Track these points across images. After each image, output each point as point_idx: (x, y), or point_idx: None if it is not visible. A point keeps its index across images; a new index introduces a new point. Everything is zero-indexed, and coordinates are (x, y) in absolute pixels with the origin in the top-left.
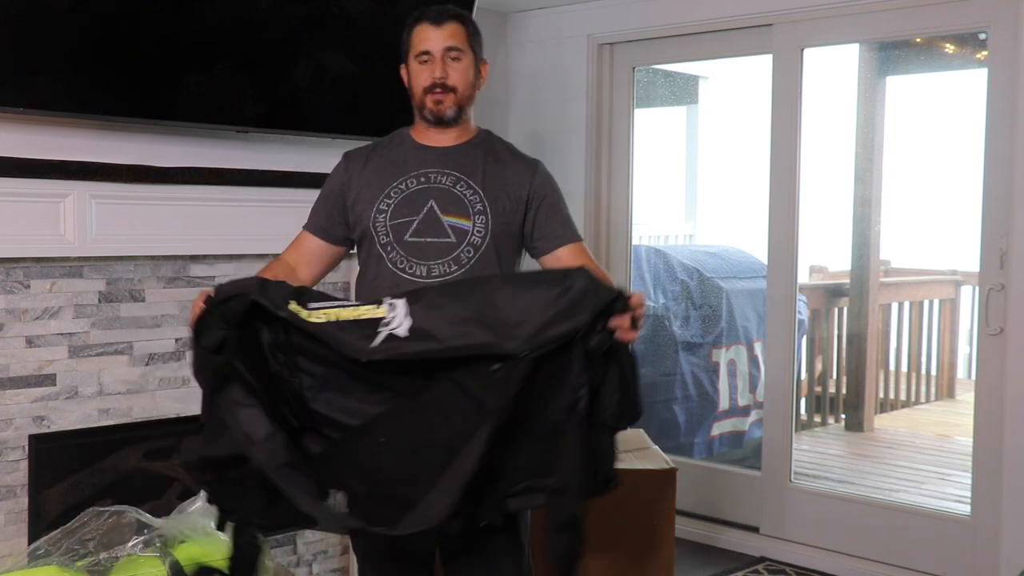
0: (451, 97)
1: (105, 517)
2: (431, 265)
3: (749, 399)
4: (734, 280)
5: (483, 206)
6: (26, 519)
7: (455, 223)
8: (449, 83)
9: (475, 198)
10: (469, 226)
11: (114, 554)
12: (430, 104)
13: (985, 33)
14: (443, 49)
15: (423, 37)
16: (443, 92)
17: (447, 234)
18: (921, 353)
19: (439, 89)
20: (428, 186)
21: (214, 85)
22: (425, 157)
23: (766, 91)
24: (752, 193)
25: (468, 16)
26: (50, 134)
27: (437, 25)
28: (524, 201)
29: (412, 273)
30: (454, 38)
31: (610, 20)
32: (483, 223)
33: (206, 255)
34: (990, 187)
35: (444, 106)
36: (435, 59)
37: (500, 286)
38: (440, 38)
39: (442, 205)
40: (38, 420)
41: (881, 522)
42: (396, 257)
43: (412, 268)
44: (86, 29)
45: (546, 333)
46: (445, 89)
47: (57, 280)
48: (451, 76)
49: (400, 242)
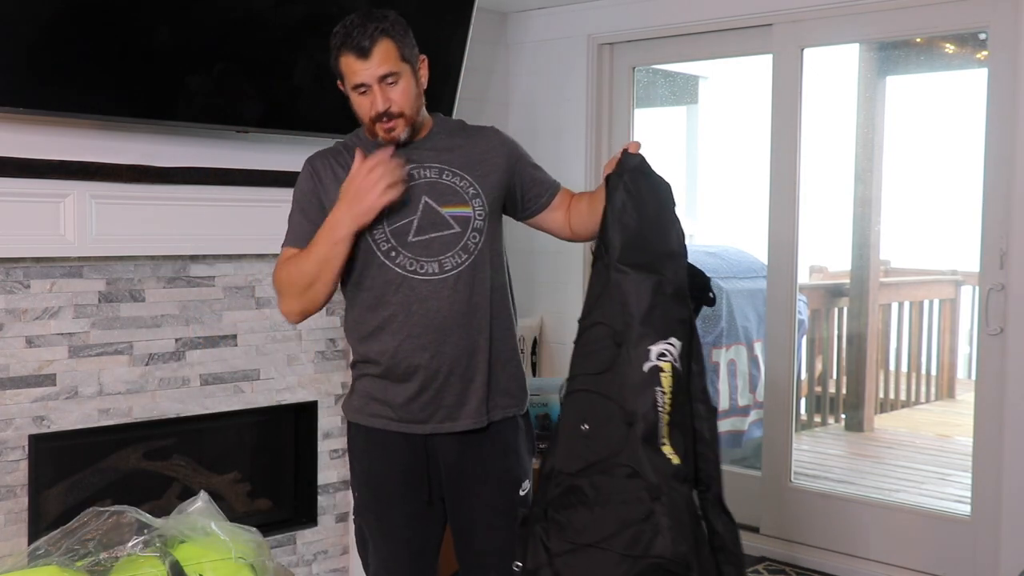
0: (400, 122)
1: (105, 517)
2: (442, 260)
3: (749, 399)
4: (734, 280)
5: (475, 189)
6: (26, 519)
7: (455, 212)
8: (394, 110)
9: (464, 183)
10: (470, 212)
11: (114, 554)
12: (382, 133)
13: (985, 33)
14: (377, 78)
15: (354, 70)
16: (391, 120)
17: (450, 225)
18: (921, 353)
19: (386, 118)
20: (414, 183)
21: (214, 85)
22: (398, 154)
23: (766, 91)
24: (752, 193)
25: (391, 23)
26: (50, 134)
27: (363, 58)
28: (505, 169)
29: (424, 272)
30: (385, 63)
31: (610, 20)
32: (480, 205)
33: (206, 255)
34: (990, 187)
35: (396, 132)
36: (372, 91)
37: None
38: (371, 68)
39: (436, 198)
40: (38, 420)
41: (881, 522)
42: (403, 260)
43: (423, 267)
44: (86, 29)
45: None
46: (391, 117)
47: (57, 280)
48: (395, 102)
49: (405, 245)
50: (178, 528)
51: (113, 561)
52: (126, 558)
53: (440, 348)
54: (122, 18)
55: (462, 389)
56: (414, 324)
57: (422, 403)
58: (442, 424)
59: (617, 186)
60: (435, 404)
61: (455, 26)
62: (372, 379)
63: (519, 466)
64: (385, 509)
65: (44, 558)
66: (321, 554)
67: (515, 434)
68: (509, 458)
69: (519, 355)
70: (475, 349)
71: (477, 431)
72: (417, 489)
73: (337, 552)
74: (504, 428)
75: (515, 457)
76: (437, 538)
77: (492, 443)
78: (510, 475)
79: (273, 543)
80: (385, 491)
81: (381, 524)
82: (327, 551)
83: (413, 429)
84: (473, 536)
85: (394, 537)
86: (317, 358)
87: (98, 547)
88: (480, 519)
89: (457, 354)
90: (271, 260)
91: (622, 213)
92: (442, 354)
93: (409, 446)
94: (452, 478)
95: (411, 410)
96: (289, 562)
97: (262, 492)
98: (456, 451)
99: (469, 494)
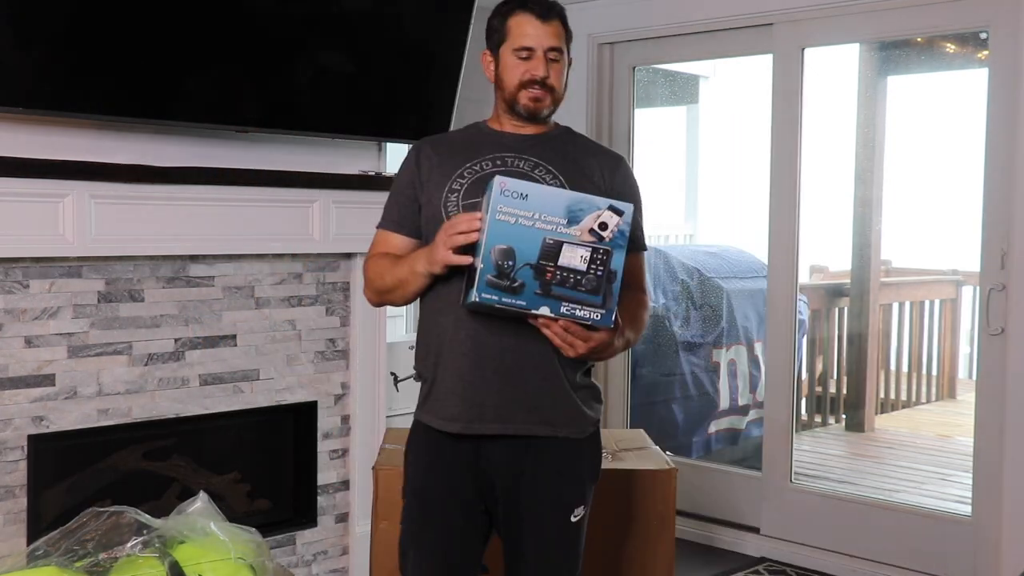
0: (549, 97)
1: (104, 517)
2: None
3: (749, 399)
4: (734, 280)
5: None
6: (25, 519)
7: None
8: (549, 82)
9: (555, 183)
10: None
11: (113, 554)
12: (525, 100)
13: (986, 33)
14: (546, 48)
15: (525, 32)
16: (543, 90)
17: None
18: (922, 353)
19: (538, 86)
20: (505, 169)
21: (214, 85)
22: (501, 142)
23: (766, 91)
24: (752, 193)
25: (566, 14)
26: (50, 134)
27: (544, 21)
28: (603, 194)
29: None
30: (557, 37)
31: (610, 20)
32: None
33: (206, 255)
34: (991, 187)
35: (542, 104)
36: (537, 56)
37: None
38: (545, 35)
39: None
40: (37, 420)
41: (881, 522)
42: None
43: None
44: (86, 29)
45: None
46: (545, 88)
47: (56, 280)
48: (552, 75)
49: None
50: (177, 528)
51: (112, 561)
52: (125, 558)
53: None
54: (122, 17)
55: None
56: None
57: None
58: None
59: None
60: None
61: (455, 26)
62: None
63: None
64: None
65: (43, 558)
66: (321, 554)
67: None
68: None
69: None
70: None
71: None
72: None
73: (337, 552)
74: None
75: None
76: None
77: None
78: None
79: (273, 543)
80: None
81: None
82: (327, 551)
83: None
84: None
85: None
86: (317, 358)
87: (97, 547)
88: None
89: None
90: (271, 260)
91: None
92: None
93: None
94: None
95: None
96: (289, 562)
97: (262, 492)
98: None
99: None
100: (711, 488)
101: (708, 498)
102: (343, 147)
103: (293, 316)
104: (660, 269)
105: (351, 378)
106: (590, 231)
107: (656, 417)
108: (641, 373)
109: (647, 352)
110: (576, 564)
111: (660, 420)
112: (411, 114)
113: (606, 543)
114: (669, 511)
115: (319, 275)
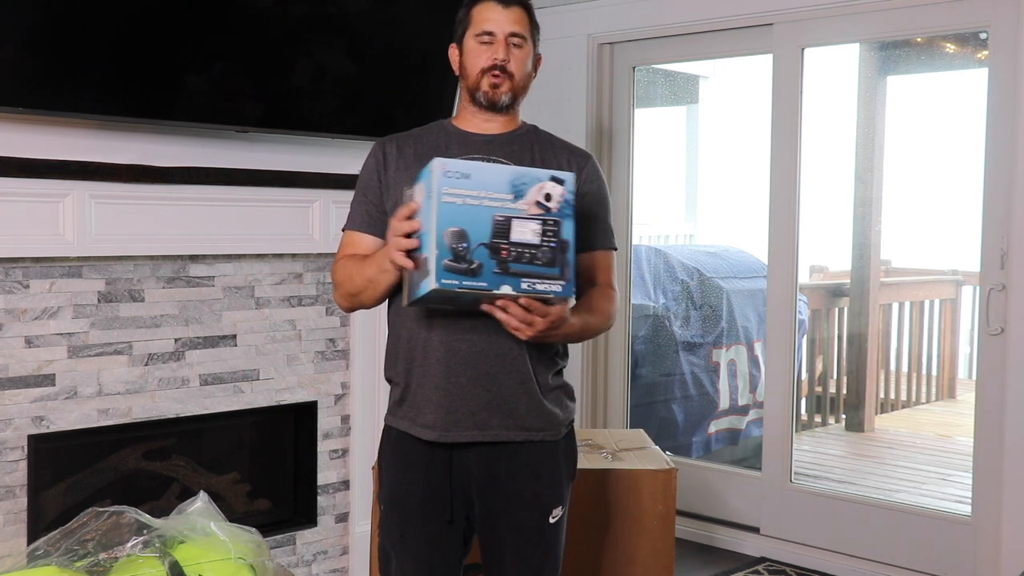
0: (508, 83)
1: (104, 517)
2: None
3: (749, 399)
4: (734, 280)
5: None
6: (25, 519)
7: None
8: (509, 68)
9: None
10: None
11: (113, 554)
12: (485, 87)
13: (986, 32)
14: (507, 33)
15: (487, 16)
16: (502, 76)
17: None
18: (922, 353)
19: (498, 72)
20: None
21: (214, 85)
22: (468, 142)
23: (766, 91)
24: (752, 193)
25: (531, 5)
26: (50, 134)
27: (505, 6)
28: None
29: None
30: (519, 24)
31: (610, 20)
32: None
33: (206, 255)
34: (991, 187)
35: (500, 91)
36: (498, 40)
37: None
38: (506, 20)
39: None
40: (37, 420)
41: (882, 522)
42: None
43: None
44: (86, 29)
45: None
46: (504, 73)
47: (56, 280)
48: (512, 61)
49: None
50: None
51: (112, 561)
52: (125, 558)
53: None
54: (122, 17)
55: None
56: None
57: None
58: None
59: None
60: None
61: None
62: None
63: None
64: None
65: (43, 558)
66: (321, 554)
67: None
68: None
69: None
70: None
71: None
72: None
73: (337, 552)
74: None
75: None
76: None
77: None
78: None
79: (273, 543)
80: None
81: None
82: (327, 551)
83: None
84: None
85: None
86: (317, 358)
87: (97, 547)
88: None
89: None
90: (271, 260)
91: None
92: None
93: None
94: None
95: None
96: (289, 562)
97: (262, 492)
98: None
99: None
100: (711, 488)
101: (708, 498)
102: (343, 147)
103: (293, 316)
104: (660, 269)
105: (351, 378)
106: (536, 203)
107: (656, 417)
108: (641, 373)
109: (647, 352)
110: (557, 565)
111: (660, 420)
112: (410, 114)
113: (606, 543)
114: (669, 511)
115: (319, 275)
